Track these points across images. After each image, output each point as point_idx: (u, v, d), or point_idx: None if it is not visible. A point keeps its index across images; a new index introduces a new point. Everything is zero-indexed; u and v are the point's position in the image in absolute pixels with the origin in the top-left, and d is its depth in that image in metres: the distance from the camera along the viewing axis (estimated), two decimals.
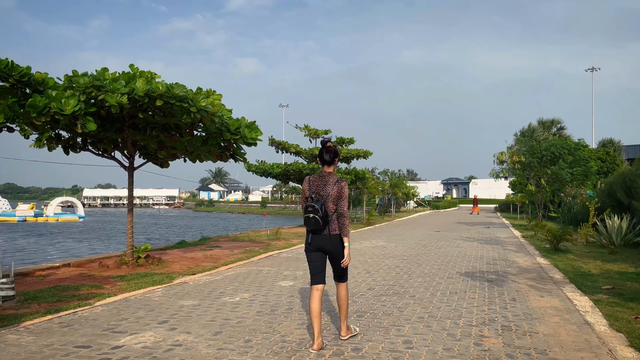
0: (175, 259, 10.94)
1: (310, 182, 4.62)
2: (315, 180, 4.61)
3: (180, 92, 7.95)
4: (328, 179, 4.57)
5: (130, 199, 10.40)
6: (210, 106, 8.31)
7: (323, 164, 4.67)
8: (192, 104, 8.13)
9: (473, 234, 18.53)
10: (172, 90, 7.90)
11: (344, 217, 4.54)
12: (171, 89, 7.91)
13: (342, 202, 4.53)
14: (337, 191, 4.49)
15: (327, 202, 4.48)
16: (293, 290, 7.14)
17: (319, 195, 4.51)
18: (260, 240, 15.19)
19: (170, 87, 7.95)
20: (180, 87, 8.06)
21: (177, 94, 7.92)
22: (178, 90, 7.96)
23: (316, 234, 4.52)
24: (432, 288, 7.43)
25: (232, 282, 7.81)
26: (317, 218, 4.39)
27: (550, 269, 9.52)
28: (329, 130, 21.82)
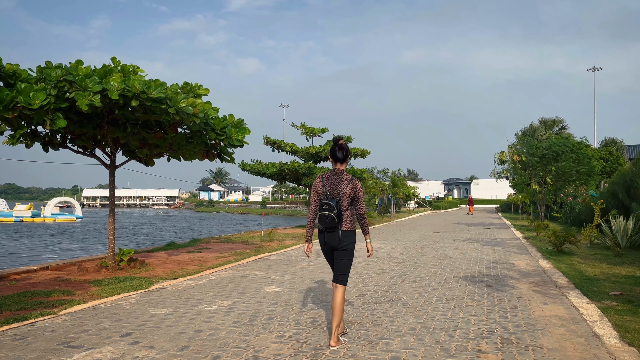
0: (160, 261, 10.44)
1: (323, 180, 4.63)
2: (329, 179, 4.61)
3: (157, 93, 7.42)
4: (342, 177, 4.59)
5: (111, 199, 9.91)
6: (190, 107, 7.78)
7: (336, 161, 4.66)
8: (171, 105, 7.62)
9: (473, 235, 18.01)
10: (148, 91, 7.38)
11: (363, 217, 4.63)
12: (148, 89, 7.39)
13: (360, 203, 4.61)
14: (352, 190, 4.55)
15: (341, 200, 4.51)
16: (277, 297, 6.63)
17: (334, 193, 4.53)
18: (253, 242, 14.69)
19: (147, 87, 7.43)
20: (159, 86, 7.53)
21: (154, 96, 7.40)
22: (156, 90, 7.44)
23: (330, 232, 4.53)
24: (428, 294, 6.92)
25: (213, 288, 7.31)
26: (332, 216, 4.41)
27: (553, 273, 9.00)
28: (325, 129, 21.32)
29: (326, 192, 4.57)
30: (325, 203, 4.45)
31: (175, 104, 7.60)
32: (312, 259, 10.58)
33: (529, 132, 43.09)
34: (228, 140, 8.81)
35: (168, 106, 7.56)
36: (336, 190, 4.55)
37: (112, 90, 7.21)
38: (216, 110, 8.92)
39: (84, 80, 7.10)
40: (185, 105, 7.69)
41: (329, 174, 4.68)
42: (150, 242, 26.97)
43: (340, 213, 4.50)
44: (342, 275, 4.60)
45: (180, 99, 7.70)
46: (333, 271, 4.67)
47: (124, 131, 8.75)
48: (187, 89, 9.55)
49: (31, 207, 60.27)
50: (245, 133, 8.99)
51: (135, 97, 7.37)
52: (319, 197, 4.63)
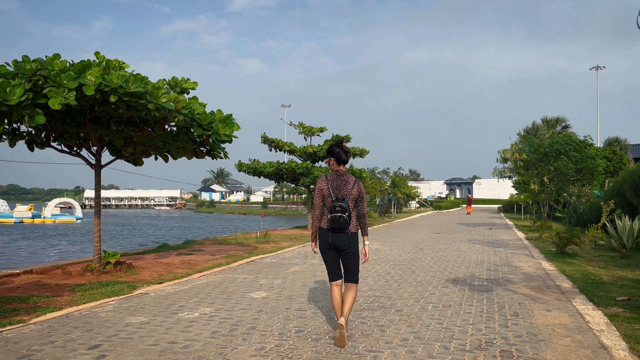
0: (148, 264, 10.08)
1: (328, 182, 4.64)
2: (334, 180, 4.64)
3: (136, 88, 7.05)
4: (347, 178, 4.66)
5: (97, 200, 9.54)
6: (171, 103, 7.40)
7: (340, 163, 4.72)
8: (150, 100, 7.24)
9: (474, 235, 17.61)
10: (127, 85, 7.01)
11: (364, 217, 4.74)
12: (126, 84, 7.02)
13: (363, 204, 4.72)
14: (357, 191, 4.65)
15: (348, 202, 4.58)
16: (263, 304, 6.26)
17: (340, 194, 4.59)
18: (248, 244, 14.32)
19: (125, 81, 7.05)
20: (138, 80, 7.15)
21: (132, 91, 7.03)
22: (134, 85, 7.07)
23: (337, 232, 4.57)
24: (424, 300, 6.53)
25: (198, 293, 6.93)
26: (345, 217, 4.48)
27: (557, 276, 8.61)
28: (324, 128, 20.93)
29: (333, 193, 4.60)
30: (338, 205, 4.50)
31: (155, 99, 7.22)
32: (305, 262, 10.20)
33: (532, 131, 42.65)
34: (215, 136, 8.43)
35: (148, 102, 7.18)
36: (343, 192, 4.60)
37: (88, 86, 6.85)
38: (203, 105, 8.55)
39: (58, 76, 6.73)
40: (166, 101, 7.31)
41: (333, 176, 4.69)
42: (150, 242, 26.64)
43: (350, 214, 4.57)
44: (354, 276, 4.73)
45: (161, 94, 7.32)
46: (332, 271, 4.72)
47: (107, 129, 8.38)
48: (173, 83, 9.22)
49: (31, 208, 60.01)
50: (233, 128, 8.62)
51: (114, 92, 7.00)
52: (323, 198, 4.66)
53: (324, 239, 4.64)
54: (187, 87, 9.34)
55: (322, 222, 4.70)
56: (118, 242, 29.49)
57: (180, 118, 7.68)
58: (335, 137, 20.85)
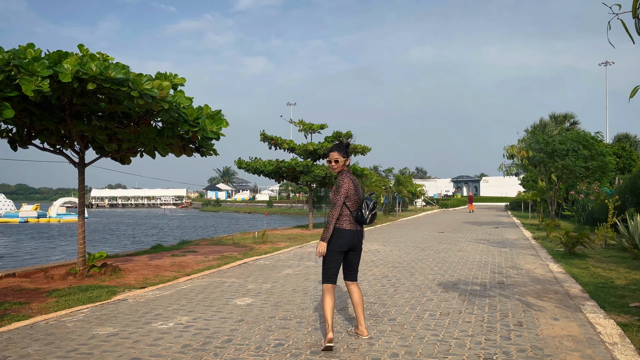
0: (137, 267, 9.67)
1: (352, 181, 4.68)
2: (354, 180, 4.73)
3: (116, 74, 6.62)
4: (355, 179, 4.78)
5: (80, 200, 9.14)
6: (155, 90, 6.96)
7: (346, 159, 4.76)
8: (133, 87, 6.80)
9: (480, 235, 17.07)
10: (106, 72, 6.58)
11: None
12: (106, 70, 6.59)
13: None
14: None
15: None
16: (246, 312, 5.80)
17: (360, 194, 4.71)
18: (245, 244, 13.88)
19: (105, 68, 6.62)
20: (118, 67, 6.72)
21: (113, 77, 6.59)
22: (115, 71, 6.63)
23: (359, 230, 4.67)
24: (420, 307, 6.05)
25: (179, 300, 6.49)
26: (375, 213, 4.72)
27: (565, 279, 8.09)
28: (325, 124, 20.42)
29: (357, 193, 4.67)
30: (372, 203, 4.66)
31: (138, 86, 6.78)
32: (300, 264, 9.74)
33: (539, 127, 41.84)
34: (202, 133, 7.98)
35: (130, 89, 6.74)
36: (360, 191, 4.74)
37: (64, 74, 6.41)
38: (189, 99, 8.11)
39: (31, 64, 6.30)
40: (150, 88, 6.86)
41: (352, 176, 4.76)
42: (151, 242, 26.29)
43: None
44: (357, 273, 4.81)
45: (144, 81, 6.88)
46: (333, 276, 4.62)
47: (88, 124, 7.95)
48: (161, 78, 8.79)
49: (37, 208, 59.96)
50: (221, 124, 8.17)
51: (92, 80, 6.57)
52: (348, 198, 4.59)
53: (344, 241, 4.56)
54: (176, 82, 8.91)
55: (344, 224, 4.58)
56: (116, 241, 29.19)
57: (166, 107, 7.23)
58: (336, 134, 20.38)
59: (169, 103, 7.34)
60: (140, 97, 6.86)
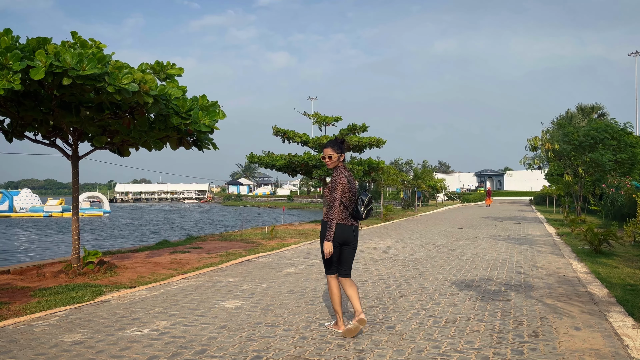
0: (135, 264, 9.29)
1: (347, 177, 4.64)
2: (349, 175, 4.70)
3: (91, 69, 6.13)
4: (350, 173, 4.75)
5: (75, 194, 8.78)
6: (135, 84, 6.46)
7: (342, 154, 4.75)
8: (110, 82, 6.33)
9: (500, 231, 16.30)
10: (80, 66, 6.11)
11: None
12: (80, 64, 6.11)
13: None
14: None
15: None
16: (232, 317, 5.31)
17: (355, 188, 4.66)
18: (253, 240, 13.44)
19: (80, 61, 6.14)
20: (93, 60, 6.21)
21: (88, 72, 6.12)
22: (89, 65, 6.15)
23: (354, 226, 4.65)
24: (425, 313, 5.47)
25: (165, 301, 6.04)
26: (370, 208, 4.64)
27: (590, 281, 7.40)
28: (339, 117, 19.84)
29: (352, 187, 4.64)
30: (367, 198, 4.60)
31: (116, 81, 6.31)
32: (304, 262, 9.24)
33: (566, 119, 40.46)
34: (194, 126, 7.50)
35: (107, 83, 6.29)
36: (354, 185, 4.68)
37: (37, 68, 5.99)
38: (182, 90, 7.64)
39: (3, 55, 5.88)
40: (128, 82, 6.39)
41: (346, 170, 4.71)
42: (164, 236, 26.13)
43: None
44: (350, 269, 4.73)
45: (123, 75, 6.40)
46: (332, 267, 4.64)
47: (76, 115, 7.53)
48: (158, 68, 8.36)
49: (62, 202, 60.84)
50: (215, 117, 7.67)
51: (66, 75, 6.12)
52: (343, 193, 4.56)
53: (342, 235, 4.55)
54: (172, 72, 8.46)
55: (341, 219, 4.57)
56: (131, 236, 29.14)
57: (150, 101, 6.76)
58: (351, 127, 19.79)
59: (153, 97, 6.84)
60: (117, 93, 6.39)
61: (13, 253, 20.67)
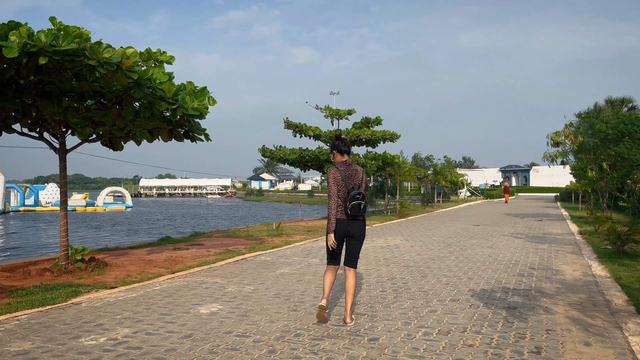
0: (128, 262, 8.95)
1: (341, 171, 4.76)
2: (346, 170, 4.78)
3: (68, 44, 5.76)
4: (355, 167, 4.85)
5: (63, 189, 8.45)
6: (116, 56, 6.05)
7: (342, 153, 4.90)
8: (90, 57, 5.93)
9: (519, 228, 15.54)
10: (57, 42, 5.73)
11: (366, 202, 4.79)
12: (56, 40, 5.74)
13: (366, 191, 4.84)
14: (365, 180, 4.85)
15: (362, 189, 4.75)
16: (203, 324, 4.85)
17: (353, 182, 4.73)
18: (258, 237, 13.02)
19: (56, 37, 5.78)
20: (69, 35, 5.85)
21: (65, 48, 5.74)
22: (66, 41, 5.78)
23: (355, 220, 4.75)
24: (417, 322, 4.93)
25: (138, 304, 5.62)
26: (363, 204, 4.66)
27: (608, 286, 6.74)
28: (352, 110, 19.25)
29: (347, 182, 4.71)
30: (358, 192, 4.65)
31: (96, 54, 5.90)
32: (302, 261, 8.75)
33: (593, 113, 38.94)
34: (181, 110, 7.06)
35: (87, 58, 5.88)
36: (355, 180, 4.75)
37: (9, 48, 5.62)
38: (168, 75, 7.23)
39: None
40: (109, 56, 5.98)
41: (343, 166, 4.81)
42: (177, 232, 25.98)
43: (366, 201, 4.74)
44: (356, 260, 4.89)
45: (104, 49, 6.00)
46: (334, 257, 4.84)
47: (58, 105, 7.18)
48: (147, 55, 7.97)
49: (86, 197, 61.70)
50: (204, 101, 7.22)
51: (43, 53, 5.75)
52: (338, 188, 4.72)
53: (339, 229, 4.71)
54: (162, 59, 8.07)
55: (339, 213, 4.73)
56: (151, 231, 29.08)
57: (134, 77, 6.34)
58: (364, 120, 19.19)
59: (138, 74, 6.44)
60: (100, 66, 5.98)
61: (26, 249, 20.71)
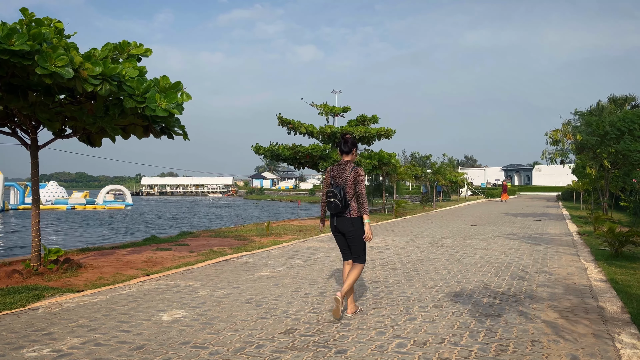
0: (104, 263, 8.61)
1: (331, 172, 5.07)
2: (335, 170, 5.05)
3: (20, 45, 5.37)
4: (345, 166, 5.01)
5: (34, 187, 8.09)
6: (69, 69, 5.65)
7: (342, 153, 5.11)
8: (40, 63, 5.56)
9: (517, 228, 15.15)
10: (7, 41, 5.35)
11: (363, 197, 4.93)
12: (7, 39, 5.36)
13: (360, 186, 4.93)
14: (354, 176, 4.93)
15: (345, 188, 4.90)
16: (161, 333, 4.49)
17: (338, 181, 4.95)
18: (247, 237, 12.67)
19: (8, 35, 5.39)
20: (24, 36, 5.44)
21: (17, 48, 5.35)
22: (20, 40, 5.39)
23: (338, 216, 4.96)
24: (391, 331, 4.56)
25: (98, 311, 5.27)
26: (336, 202, 4.84)
27: (603, 291, 6.36)
28: (348, 107, 18.87)
29: (333, 181, 5.00)
30: (330, 191, 4.90)
31: (46, 62, 5.53)
32: (284, 263, 8.39)
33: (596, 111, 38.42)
34: (149, 111, 6.69)
35: (37, 65, 5.52)
36: (341, 179, 4.96)
37: None
38: (139, 70, 6.86)
39: None
40: (63, 65, 5.61)
41: (336, 166, 5.09)
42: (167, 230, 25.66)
43: (346, 199, 4.89)
44: (357, 257, 5.04)
45: (57, 56, 5.62)
46: (342, 253, 5.18)
47: (24, 100, 6.82)
48: (120, 48, 7.62)
49: (87, 195, 61.52)
50: (175, 99, 6.84)
51: None
52: (327, 186, 5.05)
53: (331, 223, 5.08)
54: (136, 52, 7.73)
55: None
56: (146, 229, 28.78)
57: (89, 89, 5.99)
58: (360, 117, 18.82)
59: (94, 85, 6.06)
60: (48, 77, 5.62)
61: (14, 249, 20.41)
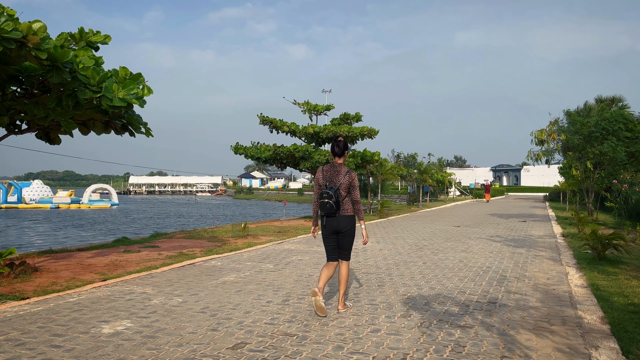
0: (64, 266, 8.15)
1: (323, 172, 5.21)
2: (328, 170, 5.18)
3: None
4: (340, 169, 5.15)
5: None
6: (18, 32, 5.25)
7: (334, 155, 5.24)
8: None
9: (500, 230, 14.86)
10: None
11: (358, 203, 5.14)
12: None
13: (355, 191, 5.14)
14: (348, 181, 5.10)
15: (339, 190, 5.06)
16: (96, 348, 4.07)
17: (332, 183, 5.09)
18: (222, 238, 12.23)
19: None
20: None
21: None
22: None
23: (330, 217, 5.11)
24: (350, 346, 4.17)
25: (35, 322, 4.83)
26: (331, 203, 4.99)
27: (584, 298, 6.03)
28: (331, 105, 18.49)
29: (326, 182, 5.10)
30: (325, 192, 4.99)
31: None
32: (253, 267, 7.99)
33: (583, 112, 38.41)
34: (105, 101, 6.25)
35: None
36: (335, 181, 5.06)
37: None
38: (95, 59, 6.43)
39: None
40: (10, 30, 5.18)
41: (328, 167, 5.19)
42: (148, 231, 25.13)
43: (339, 200, 5.03)
44: (346, 253, 5.24)
45: (2, 22, 5.21)
46: (328, 254, 5.26)
47: None
48: (78, 36, 7.21)
49: (72, 194, 60.66)
50: (134, 89, 6.40)
51: None
52: (319, 187, 5.15)
53: (322, 224, 5.17)
54: (95, 40, 7.32)
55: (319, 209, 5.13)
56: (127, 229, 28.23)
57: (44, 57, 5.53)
58: (344, 116, 18.45)
59: (53, 55, 5.65)
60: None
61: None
